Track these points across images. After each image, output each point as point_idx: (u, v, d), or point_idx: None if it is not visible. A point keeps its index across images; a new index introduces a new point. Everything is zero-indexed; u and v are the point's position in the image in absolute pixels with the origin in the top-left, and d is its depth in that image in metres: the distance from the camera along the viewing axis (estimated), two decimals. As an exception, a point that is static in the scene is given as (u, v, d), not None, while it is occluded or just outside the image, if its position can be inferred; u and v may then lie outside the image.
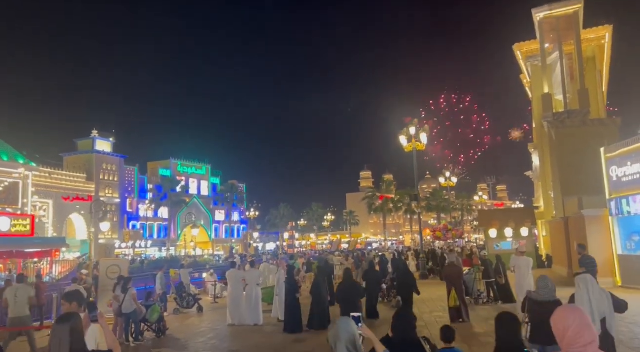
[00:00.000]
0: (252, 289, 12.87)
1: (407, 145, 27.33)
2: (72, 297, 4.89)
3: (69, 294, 5.08)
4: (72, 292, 5.34)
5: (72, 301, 4.86)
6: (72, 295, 5.01)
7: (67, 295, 5.13)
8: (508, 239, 31.60)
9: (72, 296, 4.94)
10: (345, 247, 49.56)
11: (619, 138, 29.68)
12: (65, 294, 5.25)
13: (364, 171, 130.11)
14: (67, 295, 5.13)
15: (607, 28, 42.13)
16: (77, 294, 5.05)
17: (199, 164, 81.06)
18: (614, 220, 17.75)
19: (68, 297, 4.98)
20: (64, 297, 5.17)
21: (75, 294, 5.01)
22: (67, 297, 5.01)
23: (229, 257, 48.73)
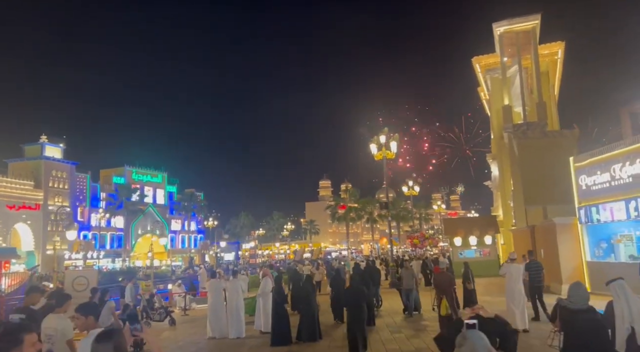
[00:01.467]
0: (234, 300, 12.24)
1: (377, 153, 27.36)
2: (87, 310, 4.30)
3: (85, 307, 4.45)
4: (87, 304, 4.69)
5: (87, 315, 4.27)
6: (87, 308, 4.40)
7: (82, 308, 4.49)
8: (472, 247, 32.17)
9: (87, 309, 4.34)
10: (308, 256, 49.15)
11: (577, 149, 31.04)
12: (79, 307, 4.60)
13: (323, 180, 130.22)
14: (82, 308, 4.49)
15: (560, 44, 44.17)
16: (93, 306, 4.44)
17: (154, 171, 78.60)
18: (583, 228, 18.24)
19: (83, 310, 4.36)
20: (78, 310, 4.53)
21: (91, 307, 4.40)
22: (82, 310, 4.39)
23: (188, 267, 47.19)
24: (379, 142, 27.19)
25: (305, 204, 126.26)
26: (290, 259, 49.52)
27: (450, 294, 11.67)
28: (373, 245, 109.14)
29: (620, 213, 16.08)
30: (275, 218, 76.01)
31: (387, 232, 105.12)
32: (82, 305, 4.61)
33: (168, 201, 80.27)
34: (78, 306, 4.62)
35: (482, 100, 64.13)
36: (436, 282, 11.93)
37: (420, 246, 41.19)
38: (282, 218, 78.90)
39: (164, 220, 77.13)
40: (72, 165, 62.25)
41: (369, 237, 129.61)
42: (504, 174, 42.46)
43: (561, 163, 29.35)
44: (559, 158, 29.62)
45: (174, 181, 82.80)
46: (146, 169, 77.00)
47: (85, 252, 59.05)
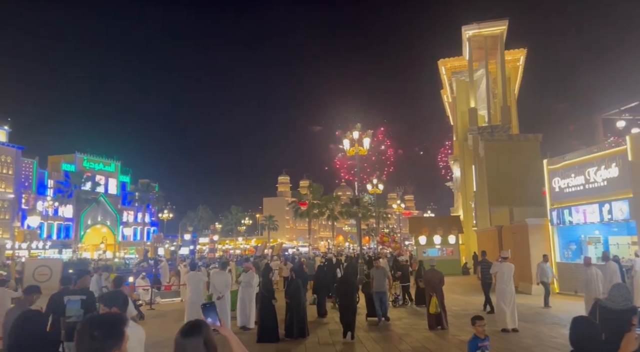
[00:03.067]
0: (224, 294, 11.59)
1: (349, 149, 27.03)
2: (111, 301, 3.64)
3: (108, 297, 3.77)
4: (110, 294, 3.99)
5: (112, 305, 3.62)
6: (110, 298, 3.73)
7: (105, 298, 3.81)
8: (436, 246, 32.51)
9: (111, 299, 3.68)
10: (268, 252, 48.35)
11: (540, 153, 31.94)
12: (102, 297, 3.90)
13: (282, 176, 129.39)
14: (105, 298, 3.81)
15: (522, 51, 45.51)
16: (117, 296, 3.77)
17: (107, 160, 75.38)
18: (554, 229, 18.61)
19: (106, 300, 3.69)
20: (101, 300, 3.84)
21: (114, 297, 3.73)
22: (105, 301, 3.72)
23: (142, 260, 45.38)
24: (352, 138, 26.90)
25: (263, 200, 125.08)
26: (250, 254, 48.60)
27: (441, 293, 11.46)
28: (329, 242, 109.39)
29: (593, 215, 16.46)
30: (233, 212, 74.52)
31: (336, 230, 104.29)
32: (105, 295, 3.93)
33: (121, 191, 77.20)
34: (100, 296, 3.94)
35: (445, 103, 65.44)
36: (426, 280, 11.68)
37: (388, 244, 41.29)
38: (241, 213, 77.51)
39: (115, 211, 74.09)
40: (18, 149, 58.58)
41: (326, 235, 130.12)
42: (466, 176, 43.30)
43: (527, 166, 30.26)
44: (524, 161, 30.47)
45: (127, 171, 79.76)
46: (98, 157, 73.74)
47: (30, 242, 55.75)
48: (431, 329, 11.31)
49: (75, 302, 6.55)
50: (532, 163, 30.84)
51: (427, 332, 11.12)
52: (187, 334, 2.24)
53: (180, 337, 2.25)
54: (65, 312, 6.45)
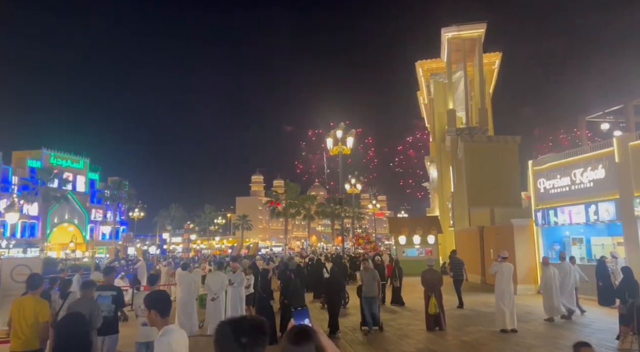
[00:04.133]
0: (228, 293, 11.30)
1: (333, 148, 26.82)
2: (152, 302, 3.25)
3: (150, 299, 3.37)
4: (153, 295, 3.56)
5: (150, 308, 3.23)
6: (152, 299, 3.33)
7: (149, 300, 3.40)
8: (415, 246, 32.61)
9: (152, 300, 3.29)
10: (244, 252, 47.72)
11: (518, 155, 32.44)
12: (145, 298, 3.49)
13: (256, 175, 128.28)
14: (149, 300, 3.40)
15: (497, 55, 46.24)
16: (159, 298, 3.37)
17: (75, 157, 72.99)
18: (539, 230, 18.81)
19: (149, 302, 3.30)
20: (144, 301, 3.44)
21: (157, 298, 3.33)
22: (147, 302, 3.32)
23: (114, 260, 44.03)
24: (335, 137, 26.70)
25: (236, 199, 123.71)
26: (225, 255, 47.78)
27: (440, 293, 11.31)
28: (303, 242, 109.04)
29: (579, 216, 16.67)
30: (207, 212, 73.27)
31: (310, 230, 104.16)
32: (148, 295, 3.52)
33: (89, 188, 74.92)
34: (146, 296, 3.53)
35: (420, 105, 66.02)
36: (425, 280, 11.51)
37: (364, 246, 41.23)
38: (214, 212, 76.34)
39: (84, 209, 71.81)
40: (-19, 144, 56.06)
41: (299, 235, 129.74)
42: (443, 177, 43.69)
43: (505, 167, 30.67)
44: (503, 163, 30.87)
45: (96, 168, 77.47)
46: (66, 153, 71.34)
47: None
48: (429, 330, 11.15)
49: (107, 298, 7.00)
50: (510, 165, 31.32)
51: (425, 333, 10.95)
52: (298, 342, 1.92)
53: (291, 345, 1.92)
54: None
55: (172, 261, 26.78)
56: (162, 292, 3.50)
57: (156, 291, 3.60)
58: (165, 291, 4.13)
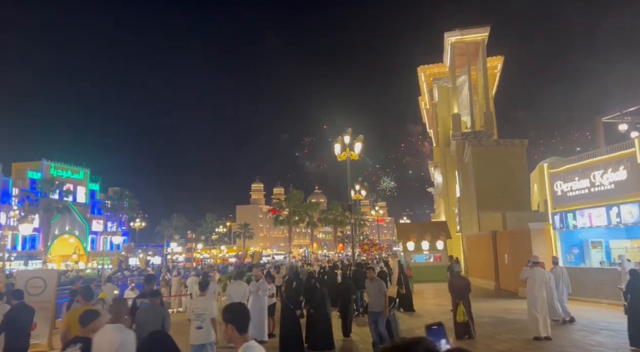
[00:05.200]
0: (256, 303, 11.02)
1: (340, 154, 26.50)
2: (231, 317, 2.93)
3: (230, 312, 3.03)
4: (234, 308, 3.21)
5: (228, 322, 2.90)
6: (233, 313, 3.00)
7: (230, 313, 3.06)
8: (424, 252, 32.26)
9: (233, 314, 2.97)
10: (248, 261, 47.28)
11: (526, 158, 32.19)
12: (225, 311, 3.14)
13: (256, 183, 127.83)
14: (230, 313, 3.06)
15: (499, 59, 46.14)
16: (241, 310, 3.03)
17: (75, 167, 72.58)
18: (557, 233, 18.47)
19: (229, 316, 2.96)
20: (225, 314, 3.09)
21: (239, 312, 3.00)
22: (227, 316, 2.98)
23: (117, 270, 43.58)
24: (343, 142, 26.39)
25: (237, 208, 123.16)
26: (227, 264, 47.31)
27: (468, 300, 10.95)
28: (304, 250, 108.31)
29: (599, 219, 16.35)
30: (208, 221, 72.79)
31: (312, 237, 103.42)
32: (226, 308, 3.18)
33: (90, 199, 74.46)
34: (226, 307, 3.19)
35: (422, 110, 65.87)
36: (453, 287, 11.16)
37: (369, 252, 40.81)
38: (216, 221, 75.85)
39: (84, 220, 71.28)
40: (-19, 156, 55.64)
41: (300, 242, 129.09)
42: (448, 182, 43.42)
43: (514, 171, 30.40)
44: (511, 166, 30.60)
45: (96, 179, 77.06)
46: (67, 164, 70.94)
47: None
48: (459, 339, 10.76)
49: (147, 304, 7.29)
50: (518, 168, 31.06)
51: (455, 343, 10.52)
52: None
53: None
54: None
55: (183, 271, 26.35)
56: (242, 306, 3.14)
57: (236, 304, 3.23)
58: (244, 304, 3.70)
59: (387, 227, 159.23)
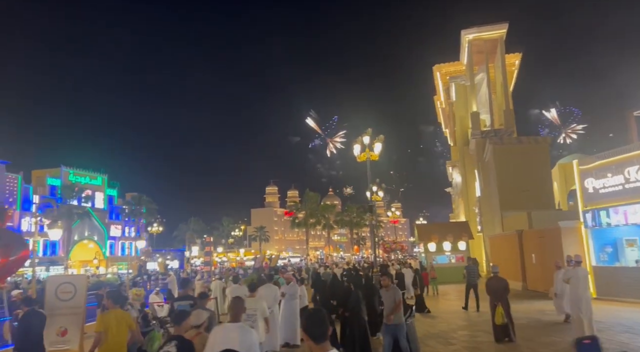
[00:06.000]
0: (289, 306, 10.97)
1: (360, 155, 26.20)
2: (306, 323, 2.70)
3: (307, 318, 2.80)
4: (310, 315, 2.96)
5: (304, 329, 2.68)
6: (308, 320, 2.77)
7: (305, 319, 2.83)
8: (446, 253, 31.75)
9: (307, 321, 2.73)
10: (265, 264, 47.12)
11: (549, 156, 31.57)
12: (302, 317, 2.92)
13: (270, 187, 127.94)
14: (305, 319, 2.83)
15: (517, 56, 45.38)
16: (318, 317, 2.78)
17: (93, 173, 73.22)
18: (588, 232, 17.95)
19: (305, 323, 2.74)
20: (301, 321, 2.85)
21: (314, 319, 2.76)
22: (304, 324, 2.76)
23: (137, 275, 43.71)
24: (362, 143, 26.09)
25: (251, 211, 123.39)
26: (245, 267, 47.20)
27: (507, 301, 10.58)
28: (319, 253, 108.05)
29: (636, 216, 15.83)
30: (225, 224, 72.99)
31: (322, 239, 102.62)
32: (307, 314, 2.93)
33: (108, 205, 75.06)
34: (307, 314, 2.93)
35: (437, 109, 65.23)
36: (490, 288, 10.80)
37: (389, 249, 40.40)
38: (232, 224, 76.03)
39: (103, 225, 71.83)
40: (2, 163, 56.33)
41: (314, 245, 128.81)
42: (468, 181, 42.81)
43: (537, 169, 29.82)
44: (534, 165, 30.03)
45: (114, 184, 77.66)
46: (85, 170, 71.60)
47: (15, 259, 53.32)
48: (498, 342, 10.41)
49: (185, 307, 7.42)
50: (542, 166, 30.47)
51: (496, 346, 10.20)
52: None
53: None
54: None
55: (206, 275, 26.24)
56: (319, 312, 2.86)
57: (313, 311, 2.95)
58: (323, 310, 3.36)
59: (401, 228, 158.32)
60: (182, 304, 7.90)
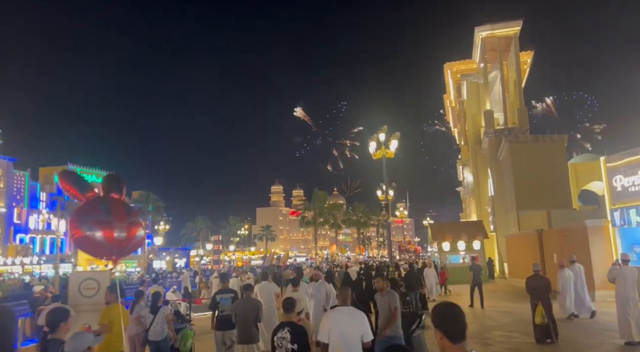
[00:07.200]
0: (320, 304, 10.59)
1: (375, 152, 25.80)
2: (438, 320, 2.33)
3: (438, 315, 2.41)
4: (442, 310, 2.54)
5: (436, 327, 2.31)
6: (440, 316, 2.39)
7: (436, 316, 2.43)
8: (460, 252, 31.32)
9: (440, 318, 2.36)
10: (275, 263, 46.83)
11: (566, 154, 31.07)
12: (433, 313, 2.50)
13: (275, 186, 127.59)
14: (436, 316, 2.43)
15: (529, 54, 44.85)
16: (451, 312, 2.39)
17: (100, 171, 73.12)
18: (616, 231, 17.50)
19: (437, 320, 2.36)
20: (432, 317, 2.45)
21: (448, 315, 2.37)
22: (436, 320, 2.37)
23: (146, 273, 43.45)
24: (378, 140, 25.68)
25: (257, 210, 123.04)
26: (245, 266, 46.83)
27: (548, 300, 10.18)
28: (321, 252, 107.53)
29: (668, 214, 15.39)
30: (231, 223, 72.70)
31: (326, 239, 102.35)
32: (434, 310, 2.53)
33: (114, 203, 74.98)
34: (433, 309, 2.54)
35: (447, 108, 64.72)
36: (530, 287, 10.39)
37: (402, 251, 40.03)
38: (239, 223, 75.72)
39: (109, 223, 71.72)
40: (10, 161, 56.25)
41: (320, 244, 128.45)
42: (480, 180, 42.32)
43: (555, 168, 29.32)
44: (551, 163, 29.53)
45: (121, 182, 77.61)
46: (91, 168, 71.50)
47: (22, 257, 53.29)
48: (539, 343, 10.00)
49: (227, 300, 8.26)
50: (559, 165, 29.94)
51: (538, 347, 9.79)
52: None
53: None
54: (219, 307, 8.23)
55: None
56: (453, 307, 2.43)
57: (445, 305, 2.52)
58: (456, 305, 2.86)
59: (406, 228, 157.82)
60: (224, 296, 8.35)
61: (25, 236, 57.33)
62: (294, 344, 4.67)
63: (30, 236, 58.22)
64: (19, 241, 54.84)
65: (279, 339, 4.76)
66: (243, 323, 7.73)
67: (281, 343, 4.72)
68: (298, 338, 4.73)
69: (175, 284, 20.84)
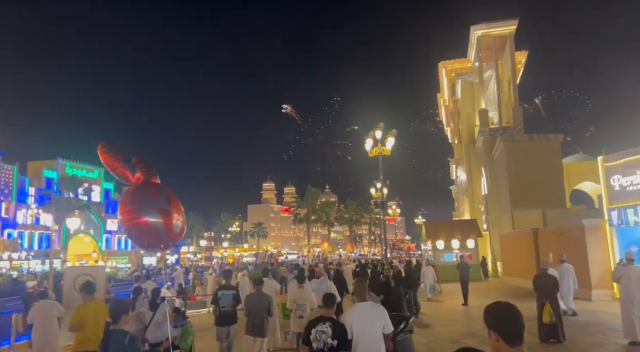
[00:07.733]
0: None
1: (372, 149, 25.61)
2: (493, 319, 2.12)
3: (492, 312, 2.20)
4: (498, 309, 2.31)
5: (491, 327, 2.09)
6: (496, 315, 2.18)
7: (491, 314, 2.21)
8: (454, 251, 31.27)
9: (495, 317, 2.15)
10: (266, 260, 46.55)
11: (561, 153, 31.15)
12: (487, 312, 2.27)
13: (267, 183, 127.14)
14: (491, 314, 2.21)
15: (523, 54, 44.95)
16: (508, 312, 2.18)
17: (90, 166, 72.27)
18: (614, 230, 17.50)
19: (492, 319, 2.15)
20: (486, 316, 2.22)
21: (505, 314, 2.16)
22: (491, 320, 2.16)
23: (137, 269, 42.89)
24: (374, 137, 25.51)
25: (248, 207, 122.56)
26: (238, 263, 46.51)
27: (555, 299, 10.06)
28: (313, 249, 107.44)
29: (666, 214, 15.39)
30: (223, 219, 72.19)
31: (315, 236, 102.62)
32: (488, 308, 2.31)
33: (104, 199, 74.16)
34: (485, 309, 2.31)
35: (440, 107, 64.75)
36: (537, 285, 10.27)
37: (395, 248, 39.98)
38: (231, 219, 75.24)
39: (99, 219, 70.93)
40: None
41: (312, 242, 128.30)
42: (473, 179, 42.38)
43: (549, 167, 29.37)
44: (546, 162, 29.57)
45: (111, 178, 76.67)
46: (82, 163, 70.61)
47: (10, 252, 52.44)
48: (543, 342, 9.88)
49: (228, 296, 8.38)
50: (554, 164, 29.99)
51: (543, 346, 9.66)
52: None
53: None
54: (219, 303, 8.32)
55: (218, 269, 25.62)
56: (508, 307, 2.19)
57: (501, 305, 2.28)
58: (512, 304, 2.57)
59: (397, 226, 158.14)
60: (225, 293, 8.43)
61: (13, 231, 56.47)
62: (334, 339, 4.66)
63: (19, 231, 57.35)
64: (6, 236, 53.98)
65: (317, 332, 4.69)
66: (255, 317, 7.87)
67: (320, 336, 4.66)
68: (339, 334, 4.71)
69: (168, 280, 20.47)
